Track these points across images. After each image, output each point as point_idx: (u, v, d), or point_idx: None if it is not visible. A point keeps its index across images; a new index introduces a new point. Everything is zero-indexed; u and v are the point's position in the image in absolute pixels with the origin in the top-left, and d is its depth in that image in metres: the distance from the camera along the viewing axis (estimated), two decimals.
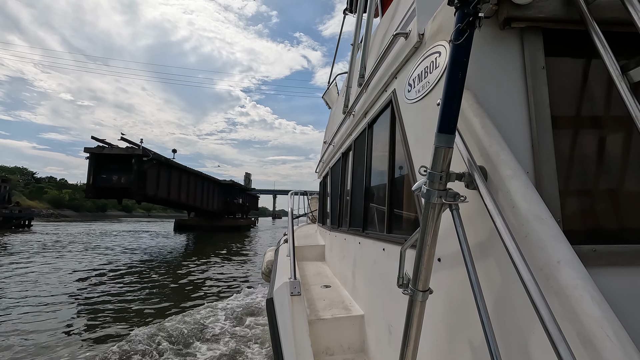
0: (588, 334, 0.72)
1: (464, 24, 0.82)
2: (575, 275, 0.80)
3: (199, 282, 10.39)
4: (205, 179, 31.87)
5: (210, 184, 33.14)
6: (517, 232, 0.92)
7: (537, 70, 1.22)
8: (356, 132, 3.23)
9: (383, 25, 2.45)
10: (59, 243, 20.36)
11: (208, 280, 10.79)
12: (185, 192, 28.57)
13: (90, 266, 12.67)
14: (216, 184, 34.29)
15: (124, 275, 11.07)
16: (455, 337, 1.24)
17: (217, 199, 34.82)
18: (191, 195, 29.50)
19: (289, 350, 2.00)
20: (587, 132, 1.28)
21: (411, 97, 1.67)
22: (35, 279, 10.04)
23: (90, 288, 9.19)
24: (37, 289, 8.88)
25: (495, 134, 1.12)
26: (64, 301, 7.91)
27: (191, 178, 29.14)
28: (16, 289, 8.82)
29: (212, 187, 33.43)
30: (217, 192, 34.94)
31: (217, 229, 34.87)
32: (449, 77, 0.89)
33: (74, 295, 8.42)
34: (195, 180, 30.04)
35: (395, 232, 2.05)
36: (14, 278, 10.11)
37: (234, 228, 35.53)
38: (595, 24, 1.11)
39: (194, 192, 29.79)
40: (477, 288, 0.87)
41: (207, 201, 32.30)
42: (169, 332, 5.63)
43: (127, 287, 9.48)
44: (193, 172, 29.54)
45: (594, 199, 1.23)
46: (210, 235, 30.58)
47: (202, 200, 31.59)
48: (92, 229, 35.46)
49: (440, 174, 0.95)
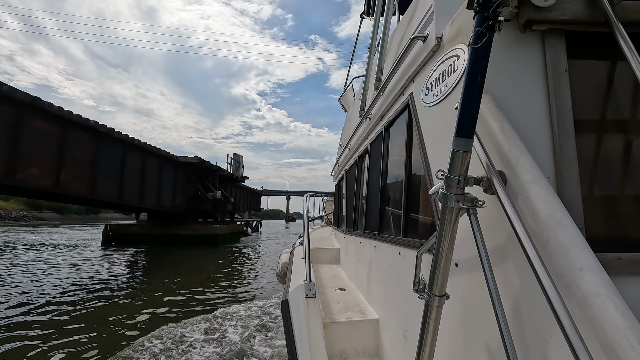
0: (612, 343, 0.71)
1: (483, 27, 0.81)
2: (597, 282, 0.79)
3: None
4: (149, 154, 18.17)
5: (163, 166, 19.47)
6: (537, 238, 0.91)
7: (560, 73, 1.20)
8: (372, 136, 3.22)
9: (400, 28, 2.46)
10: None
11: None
12: (106, 178, 14.98)
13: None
14: (173, 164, 20.57)
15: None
16: (472, 343, 1.21)
17: (177, 191, 21.10)
18: (129, 185, 15.93)
19: (303, 352, 1.99)
20: (611, 137, 1.24)
21: (429, 101, 1.65)
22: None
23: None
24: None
25: (515, 137, 1.11)
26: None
27: (120, 152, 15.55)
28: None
29: (166, 171, 19.75)
30: (178, 180, 21.20)
31: (178, 241, 21.21)
32: (468, 80, 0.87)
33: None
34: (132, 157, 16.47)
35: (411, 236, 2.00)
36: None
37: (205, 239, 21.77)
38: (620, 26, 1.09)
39: (130, 179, 16.19)
40: (495, 294, 0.86)
41: (154, 194, 18.60)
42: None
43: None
44: (123, 141, 15.89)
45: (618, 205, 1.20)
46: (163, 253, 17.58)
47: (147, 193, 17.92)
48: (19, 238, 22.86)
49: (458, 178, 0.92)
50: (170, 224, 22.22)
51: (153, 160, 18.51)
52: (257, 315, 6.88)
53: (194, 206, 22.88)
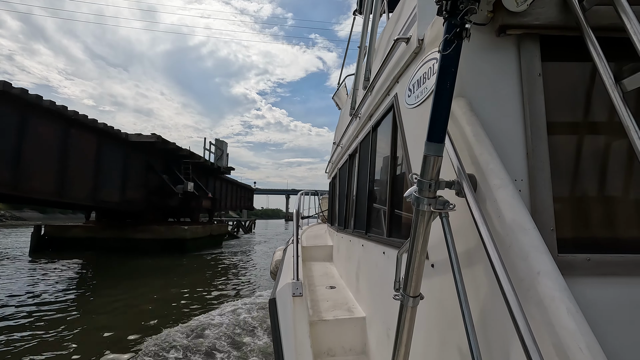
0: (563, 345, 0.73)
1: (451, 34, 0.81)
2: (553, 286, 0.81)
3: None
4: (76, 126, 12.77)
5: (105, 145, 14.11)
6: (502, 242, 0.94)
7: (534, 77, 1.22)
8: (362, 135, 3.24)
9: (388, 28, 2.47)
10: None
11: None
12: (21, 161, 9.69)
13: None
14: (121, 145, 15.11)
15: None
16: (445, 344, 1.23)
17: (131, 181, 15.78)
18: (33, 167, 10.66)
19: (289, 350, 2.00)
20: (583, 140, 1.27)
21: (411, 102, 1.67)
22: None
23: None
24: None
25: (487, 142, 1.12)
26: None
27: (17, 117, 10.18)
28: None
29: (109, 153, 14.39)
30: (131, 166, 15.87)
31: (133, 247, 15.93)
32: (438, 86, 0.87)
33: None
34: (42, 126, 11.08)
35: (395, 236, 2.02)
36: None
37: (171, 245, 16.44)
38: (590, 32, 1.11)
39: (37, 159, 10.89)
40: (463, 295, 0.86)
41: (87, 184, 13.24)
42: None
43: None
44: (22, 100, 10.45)
45: (588, 207, 1.22)
46: (109, 264, 12.96)
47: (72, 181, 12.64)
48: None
49: (429, 182, 0.93)
50: (125, 226, 16.90)
51: (84, 135, 13.03)
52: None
53: (158, 202, 17.55)
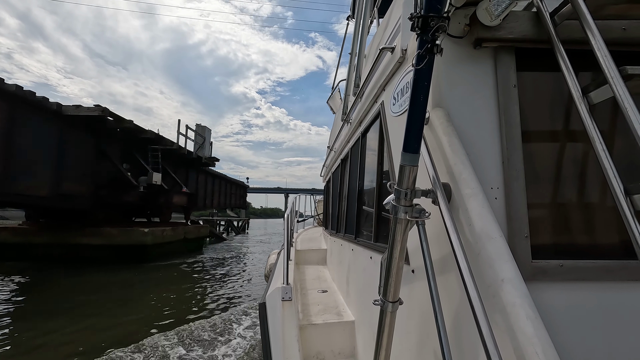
0: (521, 350, 0.75)
1: (423, 50, 0.82)
2: (515, 293, 0.83)
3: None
4: None
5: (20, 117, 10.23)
6: (471, 250, 0.97)
7: (509, 88, 1.25)
8: (352, 140, 3.27)
9: (377, 36, 2.50)
10: None
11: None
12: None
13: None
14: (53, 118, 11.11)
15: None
16: (424, 348, 1.25)
17: (72, 170, 11.87)
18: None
19: (277, 355, 2.01)
20: (556, 150, 1.29)
21: (395, 111, 1.69)
22: None
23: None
24: None
25: (461, 152, 1.14)
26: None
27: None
28: None
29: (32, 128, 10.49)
30: (74, 150, 11.94)
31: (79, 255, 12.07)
32: (412, 99, 0.88)
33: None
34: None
35: (382, 242, 2.04)
36: None
37: (127, 253, 12.61)
38: (560, 45, 1.13)
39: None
40: (437, 301, 0.88)
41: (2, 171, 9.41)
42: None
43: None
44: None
45: (562, 214, 1.24)
46: (46, 278, 9.11)
47: None
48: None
49: (405, 191, 0.95)
50: (69, 228, 13.01)
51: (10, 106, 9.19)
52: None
53: (109, 197, 13.65)
